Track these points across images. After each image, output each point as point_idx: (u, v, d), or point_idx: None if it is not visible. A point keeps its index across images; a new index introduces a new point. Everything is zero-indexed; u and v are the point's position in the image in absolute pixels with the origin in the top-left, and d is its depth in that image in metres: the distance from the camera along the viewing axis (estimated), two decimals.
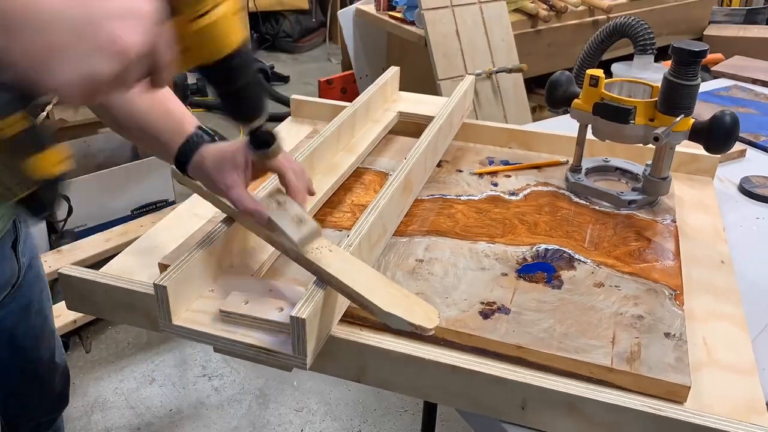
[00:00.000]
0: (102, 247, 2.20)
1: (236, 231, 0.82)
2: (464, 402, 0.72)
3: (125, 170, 2.40)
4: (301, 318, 0.64)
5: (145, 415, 1.86)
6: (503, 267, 0.87)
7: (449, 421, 1.85)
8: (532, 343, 0.73)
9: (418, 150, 0.99)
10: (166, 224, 0.98)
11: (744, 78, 1.88)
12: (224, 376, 2.00)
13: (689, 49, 0.92)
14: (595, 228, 0.97)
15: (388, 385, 0.74)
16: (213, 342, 0.71)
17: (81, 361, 2.04)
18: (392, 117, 1.24)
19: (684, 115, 0.95)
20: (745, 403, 0.69)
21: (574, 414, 0.67)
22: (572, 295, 0.82)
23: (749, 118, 1.57)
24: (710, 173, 1.15)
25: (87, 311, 0.85)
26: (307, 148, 1.00)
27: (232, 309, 0.71)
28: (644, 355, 0.72)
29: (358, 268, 0.71)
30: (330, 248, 0.73)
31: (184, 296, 0.73)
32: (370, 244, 0.82)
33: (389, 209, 0.89)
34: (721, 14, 3.62)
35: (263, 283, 0.78)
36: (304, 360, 0.67)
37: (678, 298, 0.82)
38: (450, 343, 0.76)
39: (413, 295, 0.69)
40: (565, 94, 1.07)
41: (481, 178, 1.10)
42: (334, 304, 0.72)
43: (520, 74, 2.74)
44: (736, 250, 0.96)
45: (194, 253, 0.75)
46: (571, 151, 1.10)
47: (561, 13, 2.95)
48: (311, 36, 5.12)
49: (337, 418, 1.87)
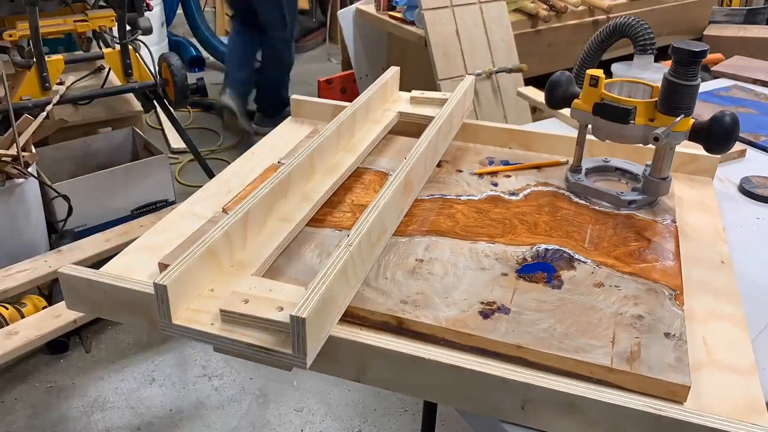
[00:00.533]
0: (102, 247, 2.20)
1: (237, 230, 0.82)
2: (464, 402, 0.72)
3: (125, 170, 2.40)
4: (301, 317, 0.64)
5: (145, 415, 1.86)
6: (503, 267, 0.87)
7: (449, 421, 1.85)
8: (532, 343, 0.73)
9: (419, 150, 0.99)
10: (166, 224, 0.98)
11: (744, 78, 1.88)
12: (224, 376, 2.00)
13: (689, 49, 0.92)
14: (595, 228, 0.97)
15: (388, 385, 0.74)
16: (213, 341, 0.71)
17: (81, 361, 2.04)
18: (392, 117, 1.24)
19: (684, 115, 0.95)
20: (745, 403, 0.69)
21: (574, 414, 0.67)
22: (572, 295, 0.82)
23: (749, 118, 1.57)
24: (710, 173, 1.15)
25: (87, 311, 0.85)
26: (307, 148, 1.00)
27: (231, 308, 0.71)
28: (644, 355, 0.72)
29: None
30: None
31: (184, 296, 0.73)
32: (370, 243, 0.83)
33: (389, 209, 0.89)
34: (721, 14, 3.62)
35: (263, 282, 0.78)
36: (304, 359, 0.67)
37: (678, 298, 0.82)
38: (450, 343, 0.76)
39: None
40: (565, 94, 1.07)
41: (481, 178, 1.10)
42: (334, 303, 0.72)
43: (520, 74, 2.74)
44: (736, 250, 0.96)
45: (194, 252, 0.75)
46: (571, 151, 1.10)
47: (561, 13, 2.95)
48: (311, 36, 5.13)
49: (337, 418, 1.87)
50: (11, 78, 2.38)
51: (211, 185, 1.09)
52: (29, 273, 2.05)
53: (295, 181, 0.96)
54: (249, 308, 0.71)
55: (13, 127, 2.04)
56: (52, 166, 2.45)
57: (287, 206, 0.95)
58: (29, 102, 2.25)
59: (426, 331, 0.77)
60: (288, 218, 0.93)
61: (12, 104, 2.08)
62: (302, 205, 0.96)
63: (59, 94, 2.34)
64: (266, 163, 1.14)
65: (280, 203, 0.93)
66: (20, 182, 2.08)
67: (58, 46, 3.07)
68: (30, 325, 1.87)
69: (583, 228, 0.97)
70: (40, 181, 2.16)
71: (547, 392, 0.67)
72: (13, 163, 2.04)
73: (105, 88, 2.53)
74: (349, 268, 0.75)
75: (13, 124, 2.04)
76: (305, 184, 1.01)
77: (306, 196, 0.98)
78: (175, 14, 4.73)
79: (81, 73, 2.62)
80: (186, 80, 2.50)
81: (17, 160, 2.04)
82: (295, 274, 0.84)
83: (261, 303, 0.72)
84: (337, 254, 0.74)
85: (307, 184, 1.01)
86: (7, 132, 2.09)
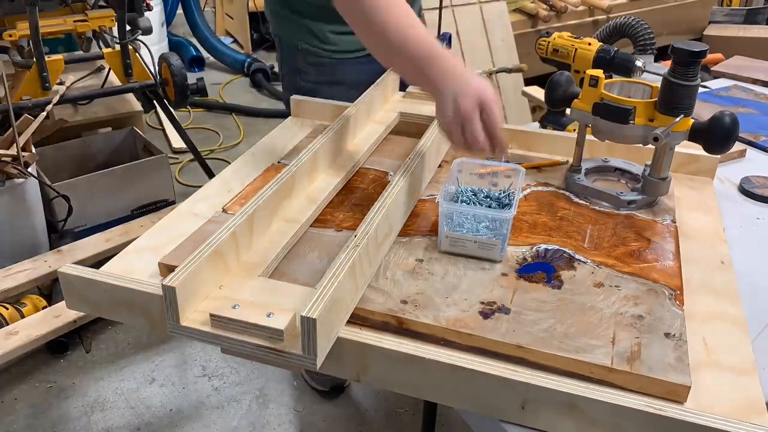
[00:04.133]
0: (102, 247, 2.19)
1: (243, 231, 0.82)
2: (464, 402, 0.72)
3: (125, 170, 2.40)
4: (312, 318, 0.64)
5: (145, 415, 1.86)
6: (503, 267, 0.87)
7: (449, 421, 1.85)
8: (532, 343, 0.73)
9: (422, 149, 0.99)
10: (166, 224, 0.98)
11: (744, 78, 1.88)
12: (224, 376, 2.00)
13: (689, 49, 0.92)
14: (595, 228, 0.97)
15: (388, 385, 0.74)
16: (221, 342, 0.70)
17: (81, 361, 2.04)
18: (393, 117, 1.24)
19: (683, 115, 0.95)
20: (745, 403, 0.69)
21: (575, 414, 0.67)
22: (572, 295, 0.82)
23: (749, 118, 1.57)
24: (710, 174, 1.15)
25: (87, 310, 0.85)
26: (311, 148, 1.00)
27: (220, 313, 0.70)
28: (644, 354, 0.72)
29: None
30: None
31: (191, 297, 0.72)
32: (376, 244, 0.83)
33: (395, 209, 0.89)
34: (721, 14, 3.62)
35: (270, 283, 0.78)
36: (314, 360, 0.66)
37: (678, 298, 0.82)
38: (450, 343, 0.76)
39: None
40: (565, 95, 1.07)
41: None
42: (343, 303, 0.72)
43: (520, 74, 2.74)
44: (736, 250, 0.96)
45: (202, 253, 0.74)
46: (571, 152, 1.10)
47: (561, 13, 2.95)
48: None
49: (337, 418, 1.87)
50: (11, 78, 2.38)
51: (211, 185, 1.09)
52: (29, 273, 2.04)
53: (299, 181, 0.96)
54: (238, 313, 0.70)
55: (13, 127, 2.04)
56: (52, 166, 2.45)
57: (292, 207, 0.95)
58: (29, 102, 2.25)
59: (426, 331, 0.77)
60: (293, 219, 0.93)
61: (12, 104, 2.07)
62: (306, 205, 0.96)
63: (59, 94, 2.34)
64: (266, 163, 1.14)
65: (285, 204, 0.93)
66: (20, 182, 2.08)
67: (58, 46, 3.07)
68: (30, 325, 1.87)
69: (583, 228, 0.97)
70: (40, 181, 2.16)
71: (547, 392, 0.67)
72: (13, 163, 2.04)
73: (105, 88, 2.53)
74: (357, 268, 0.75)
75: (13, 124, 2.04)
76: (309, 184, 1.01)
77: (310, 197, 0.98)
78: (175, 14, 4.73)
79: (81, 73, 2.62)
80: (186, 80, 2.50)
81: (17, 160, 2.04)
82: (299, 275, 0.84)
83: (250, 308, 0.71)
84: (345, 254, 0.74)
85: (311, 184, 1.01)
86: (7, 132, 2.09)
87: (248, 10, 4.57)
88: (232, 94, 4.05)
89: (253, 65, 4.19)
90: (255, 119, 3.73)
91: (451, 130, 0.92)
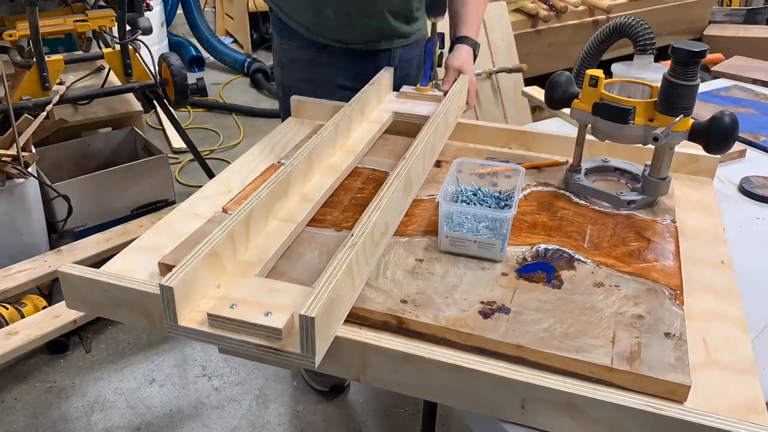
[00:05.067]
0: (102, 247, 2.19)
1: (240, 231, 0.82)
2: (464, 401, 0.72)
3: (125, 170, 2.40)
4: (310, 316, 0.64)
5: (145, 415, 1.86)
6: (503, 267, 0.87)
7: (449, 421, 1.85)
8: (532, 343, 0.73)
9: (417, 148, 0.99)
10: (165, 224, 0.98)
11: (744, 78, 1.88)
12: (224, 376, 2.00)
13: (689, 49, 0.92)
14: (595, 228, 0.97)
15: (388, 385, 0.74)
16: (220, 342, 0.70)
17: (81, 361, 2.04)
18: (387, 117, 1.24)
19: (683, 115, 0.95)
20: (745, 403, 0.69)
21: (575, 413, 0.67)
22: (572, 295, 0.82)
23: (749, 118, 1.57)
24: (710, 174, 1.15)
25: (86, 310, 0.85)
26: (305, 148, 1.00)
27: (218, 313, 0.70)
28: (644, 354, 0.72)
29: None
30: None
31: (189, 297, 0.72)
32: (373, 242, 0.82)
33: (391, 207, 0.89)
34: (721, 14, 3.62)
35: (266, 282, 0.78)
36: (312, 359, 0.66)
37: (678, 298, 0.82)
38: (450, 343, 0.76)
39: None
40: (565, 95, 1.07)
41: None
42: (341, 302, 0.72)
43: (520, 74, 2.74)
44: (736, 250, 0.96)
45: (199, 253, 0.74)
46: (571, 152, 1.10)
47: (561, 13, 2.95)
48: None
49: (337, 418, 1.87)
50: (11, 78, 2.38)
51: (211, 185, 1.09)
52: (29, 273, 2.04)
53: (294, 181, 0.96)
54: (235, 313, 0.70)
55: (13, 127, 2.04)
56: (52, 166, 2.45)
57: (288, 207, 0.95)
58: (29, 102, 2.25)
59: (426, 330, 0.77)
60: (289, 219, 0.93)
61: (12, 104, 2.08)
62: (302, 205, 0.96)
63: (59, 94, 2.34)
64: (266, 163, 1.14)
65: (281, 204, 0.93)
66: (20, 182, 2.08)
67: (58, 46, 3.07)
68: (30, 325, 1.87)
69: (582, 228, 0.97)
70: (40, 181, 2.16)
71: (547, 392, 0.67)
72: (13, 163, 2.04)
73: (105, 88, 2.53)
74: (354, 267, 0.75)
75: (13, 124, 2.04)
76: (304, 184, 1.01)
77: (306, 197, 0.98)
78: (175, 14, 4.73)
79: (81, 73, 2.62)
80: (186, 80, 2.50)
81: (17, 160, 2.04)
82: (297, 274, 0.84)
83: (248, 307, 0.71)
84: (342, 253, 0.74)
85: (306, 184, 1.01)
86: (7, 132, 2.09)
87: (248, 10, 4.57)
88: (232, 94, 4.05)
89: (252, 65, 4.19)
90: (255, 119, 3.74)
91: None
